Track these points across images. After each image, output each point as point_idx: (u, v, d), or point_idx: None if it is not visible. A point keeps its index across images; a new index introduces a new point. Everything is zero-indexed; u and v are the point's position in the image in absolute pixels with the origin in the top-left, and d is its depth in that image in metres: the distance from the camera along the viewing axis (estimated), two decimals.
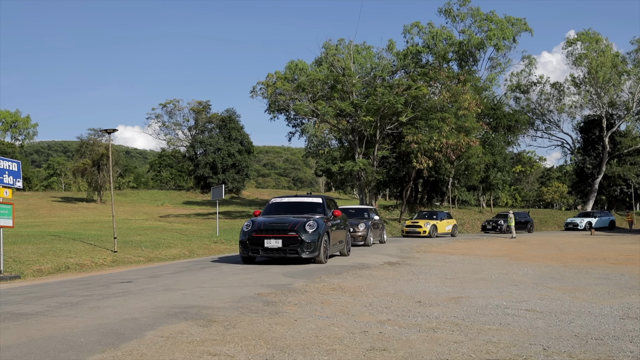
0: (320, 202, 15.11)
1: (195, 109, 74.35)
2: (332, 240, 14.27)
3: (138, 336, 5.45)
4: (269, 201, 16.45)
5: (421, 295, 8.88)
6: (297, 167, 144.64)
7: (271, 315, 6.69)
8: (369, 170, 37.90)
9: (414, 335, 5.90)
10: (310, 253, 13.08)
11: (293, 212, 14.69)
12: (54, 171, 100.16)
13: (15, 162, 14.32)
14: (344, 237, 15.99)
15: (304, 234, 13.05)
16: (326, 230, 13.68)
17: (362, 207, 24.41)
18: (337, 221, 15.10)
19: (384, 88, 36.94)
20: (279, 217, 14.06)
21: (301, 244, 12.96)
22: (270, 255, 13.24)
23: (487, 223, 38.07)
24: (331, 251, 14.45)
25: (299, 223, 13.24)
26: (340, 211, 15.31)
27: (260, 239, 13.20)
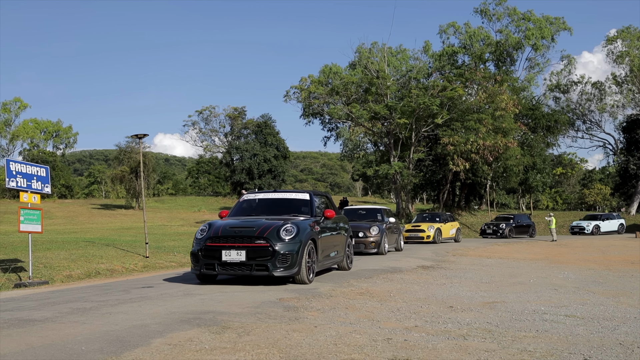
0: (307, 198, 11.18)
1: (231, 115, 74.45)
2: (322, 250, 10.50)
3: (144, 344, 5.11)
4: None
5: (453, 300, 8.40)
6: (334, 172, 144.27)
7: (290, 322, 6.30)
8: (405, 174, 37.36)
9: (441, 343, 5.44)
10: (286, 269, 9.27)
11: (271, 212, 10.89)
12: (94, 179, 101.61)
13: (44, 167, 14.25)
14: (342, 246, 12.17)
15: (278, 242, 9.27)
16: (311, 236, 9.85)
17: (374, 208, 20.77)
18: (329, 224, 11.29)
19: (418, 90, 36.41)
20: (246, 220, 10.21)
21: (273, 257, 9.17)
22: (231, 272, 9.42)
23: (487, 226, 34.70)
24: (322, 265, 10.78)
25: (271, 227, 9.47)
26: (334, 211, 11.20)
27: (216, 249, 9.39)
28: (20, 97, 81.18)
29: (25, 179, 13.40)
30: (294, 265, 9.35)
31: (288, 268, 9.29)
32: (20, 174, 13.33)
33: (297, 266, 9.38)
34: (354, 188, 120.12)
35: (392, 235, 19.46)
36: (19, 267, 12.11)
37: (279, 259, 9.22)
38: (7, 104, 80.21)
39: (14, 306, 7.32)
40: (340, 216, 12.45)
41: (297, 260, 9.38)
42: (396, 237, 20.15)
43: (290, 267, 9.31)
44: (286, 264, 9.26)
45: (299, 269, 9.43)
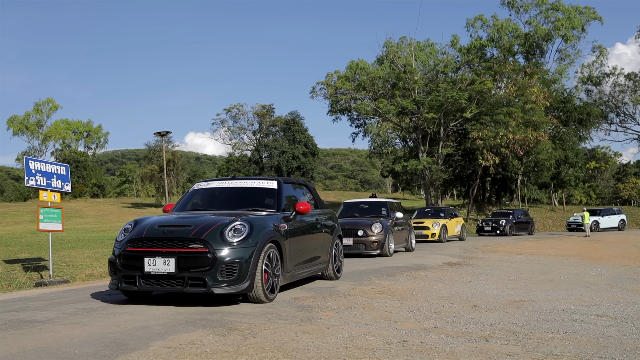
0: (274, 187, 8.51)
1: (259, 113, 74.45)
2: (292, 256, 7.93)
3: (142, 347, 4.83)
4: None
5: (478, 299, 8.00)
6: (364, 169, 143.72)
7: (301, 323, 5.98)
8: (434, 169, 36.81)
9: (461, 346, 5.07)
10: (232, 284, 6.69)
11: (226, 205, 8.43)
12: (125, 178, 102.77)
13: (64, 165, 14.14)
14: (325, 249, 9.38)
15: (221, 246, 6.72)
16: (272, 238, 7.28)
17: (379, 201, 17.78)
18: (305, 221, 8.62)
19: (446, 84, 35.76)
20: (184, 216, 7.62)
21: (213, 267, 6.61)
22: (158, 288, 6.80)
23: (485, 223, 32.07)
24: (293, 275, 8.10)
25: (213, 225, 6.93)
26: (309, 204, 8.52)
27: (137, 256, 6.84)
28: (52, 98, 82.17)
29: (44, 177, 13.30)
30: (243, 278, 6.71)
31: (234, 282, 6.67)
32: (40, 173, 13.22)
33: (248, 279, 6.74)
34: (384, 184, 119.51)
35: (399, 233, 16.85)
36: (41, 266, 12.00)
37: (222, 270, 6.61)
38: (40, 105, 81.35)
39: (22, 306, 7.13)
40: (323, 211, 9.73)
41: (249, 272, 6.75)
42: (406, 235, 17.63)
43: (237, 280, 6.68)
44: (232, 276, 6.65)
45: (250, 283, 6.78)
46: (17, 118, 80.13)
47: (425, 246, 20.78)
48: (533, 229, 33.58)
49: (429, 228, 23.45)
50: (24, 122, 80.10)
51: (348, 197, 74.81)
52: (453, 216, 26.13)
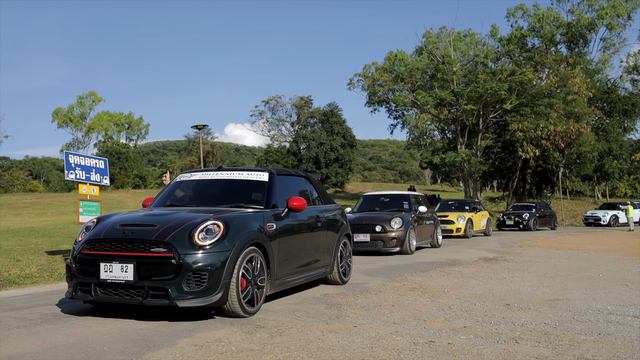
0: (264, 180, 7.30)
1: (297, 105, 74.62)
2: (282, 261, 6.78)
3: (169, 344, 4.89)
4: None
5: (511, 297, 7.87)
6: (403, 160, 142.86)
7: (329, 321, 5.97)
8: (473, 161, 36.38)
9: (488, 347, 4.99)
10: (199, 296, 5.63)
11: (209, 200, 7.36)
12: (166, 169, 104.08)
13: (103, 159, 14.39)
14: (329, 250, 8.22)
15: (189, 249, 5.68)
16: (254, 240, 6.16)
17: (401, 194, 16.45)
18: (299, 220, 7.38)
19: (486, 75, 35.26)
20: (154, 213, 6.50)
21: (178, 275, 5.58)
22: (115, 298, 5.76)
23: (507, 217, 29.69)
24: (283, 282, 6.88)
25: (182, 225, 5.88)
26: (304, 200, 7.13)
27: (93, 260, 5.86)
28: (95, 91, 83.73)
29: (84, 171, 13.57)
30: (214, 288, 5.65)
31: (203, 294, 5.61)
32: (79, 167, 13.51)
33: (220, 290, 5.68)
34: (423, 176, 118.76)
35: (423, 228, 15.67)
36: None
37: (188, 279, 5.58)
38: (83, 98, 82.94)
39: (57, 299, 7.27)
40: (327, 207, 8.53)
41: (221, 281, 5.68)
42: (430, 230, 16.38)
43: (207, 292, 5.62)
44: (200, 286, 5.60)
45: (224, 294, 5.71)
46: (61, 110, 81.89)
47: (456, 241, 20.55)
48: (556, 223, 31.65)
49: (453, 222, 21.84)
50: (67, 115, 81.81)
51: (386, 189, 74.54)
52: (479, 209, 24.56)
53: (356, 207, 15.95)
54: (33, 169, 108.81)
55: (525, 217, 28.90)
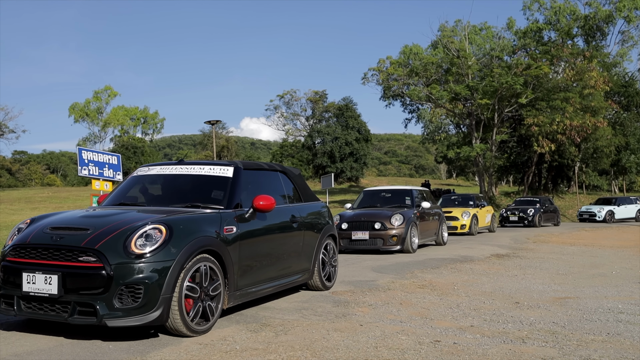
0: (227, 176, 6.36)
1: (312, 99, 74.63)
2: (248, 269, 5.98)
3: (174, 343, 4.91)
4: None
5: (521, 295, 7.82)
6: (418, 154, 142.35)
7: (335, 319, 5.96)
8: (488, 156, 36.19)
9: (494, 347, 4.96)
10: (133, 314, 4.78)
11: (164, 199, 6.48)
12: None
13: (115, 155, 14.49)
14: (307, 254, 7.33)
15: (122, 258, 4.83)
16: (204, 247, 5.29)
17: (403, 189, 15.59)
18: (267, 221, 6.42)
19: (501, 69, 35.01)
20: (96, 214, 5.67)
21: (108, 289, 4.75)
22: (39, 313, 4.97)
23: (511, 212, 28.15)
24: (246, 293, 5.98)
25: (119, 229, 5.06)
26: (273, 199, 6.19)
27: (16, 269, 5.06)
28: (111, 86, 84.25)
29: (97, 167, 13.66)
30: (151, 304, 4.79)
31: (138, 311, 4.76)
32: (92, 162, 13.59)
33: (159, 307, 4.82)
34: (439, 170, 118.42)
35: (427, 224, 14.91)
36: None
37: (120, 294, 4.76)
38: (99, 92, 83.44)
39: None
40: (305, 205, 7.62)
41: (160, 296, 4.83)
42: (435, 227, 15.63)
43: (142, 308, 4.77)
44: (135, 302, 4.76)
45: (163, 311, 4.85)
46: (77, 105, 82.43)
47: (468, 238, 20.46)
48: (559, 218, 30.19)
49: (458, 219, 20.74)
50: (84, 109, 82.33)
51: (401, 183, 74.38)
52: (483, 205, 23.15)
53: (356, 203, 15.45)
54: (50, 163, 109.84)
55: (530, 212, 27.65)
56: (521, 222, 27.71)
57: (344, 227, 13.38)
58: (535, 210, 27.70)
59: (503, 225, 28.11)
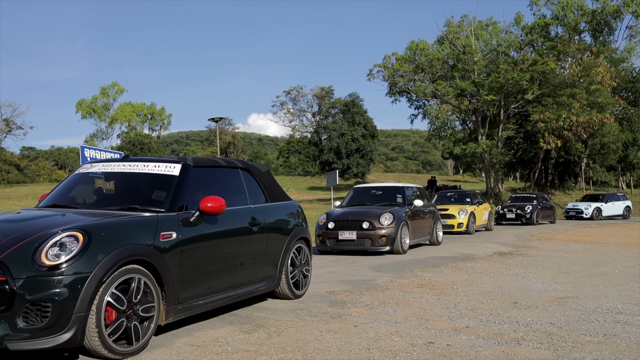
0: (172, 174, 5.68)
1: (319, 95, 74.67)
2: (192, 279, 5.30)
3: (166, 344, 4.91)
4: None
5: (520, 295, 7.77)
6: (425, 150, 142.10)
7: (330, 320, 5.94)
8: (494, 152, 36.07)
9: (488, 349, 4.93)
10: (40, 335, 4.12)
11: (101, 201, 5.82)
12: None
13: (118, 153, 14.53)
14: (274, 260, 6.69)
15: (28, 271, 4.15)
16: (131, 256, 4.62)
17: (394, 186, 14.86)
18: (213, 226, 5.62)
19: (507, 65, 34.87)
20: (12, 218, 5.04)
21: (11, 306, 4.11)
22: None
23: (508, 209, 26.99)
24: (195, 306, 5.37)
25: (29, 237, 4.37)
26: (222, 200, 5.45)
27: None
28: (118, 82, 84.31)
29: None
30: (62, 324, 4.17)
31: (46, 332, 4.14)
32: (94, 160, 13.62)
33: (72, 327, 4.20)
34: (446, 166, 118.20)
35: (420, 223, 14.18)
36: None
37: (26, 312, 4.15)
38: (106, 89, 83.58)
39: None
40: (270, 205, 6.88)
41: (73, 314, 4.20)
42: (429, 226, 14.93)
43: (51, 329, 4.15)
44: (43, 321, 4.15)
45: (76, 332, 4.22)
46: (85, 101, 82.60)
47: (480, 234, 20.39)
48: (555, 215, 29.09)
49: (454, 217, 19.70)
50: (91, 106, 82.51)
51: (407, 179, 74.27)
52: (481, 202, 22.14)
53: (345, 201, 14.75)
54: (58, 159, 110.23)
55: (528, 209, 26.47)
56: (518, 220, 26.64)
57: (330, 226, 12.80)
58: (533, 207, 26.67)
59: (499, 223, 26.90)
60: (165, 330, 5.40)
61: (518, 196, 29.44)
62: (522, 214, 26.42)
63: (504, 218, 26.91)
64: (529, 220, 26.20)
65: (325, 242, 12.85)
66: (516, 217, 26.58)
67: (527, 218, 26.24)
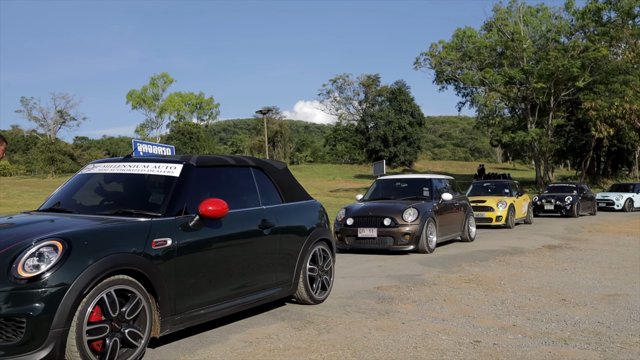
0: (172, 176, 5.32)
1: (365, 83, 74.46)
2: (191, 288, 4.96)
3: (221, 340, 5.12)
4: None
5: (569, 291, 7.75)
6: (474, 137, 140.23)
7: (378, 317, 6.08)
8: (543, 141, 35.50)
9: (534, 349, 4.99)
10: (14, 352, 3.86)
11: (97, 205, 5.57)
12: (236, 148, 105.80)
13: (169, 147, 14.87)
14: (289, 265, 6.28)
15: (4, 285, 3.91)
16: (119, 265, 4.33)
17: (421, 178, 13.72)
18: (215, 231, 5.23)
19: (557, 51, 34.21)
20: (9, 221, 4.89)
21: None
22: None
23: (546, 200, 24.83)
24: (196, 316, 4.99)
25: (9, 246, 4.13)
26: (224, 203, 5.08)
27: None
28: (167, 72, 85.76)
29: None
30: (39, 341, 3.91)
31: (21, 349, 3.88)
32: (147, 155, 13.99)
33: (49, 343, 3.92)
34: (494, 153, 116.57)
35: (448, 219, 13.04)
36: None
37: (0, 329, 3.90)
38: (155, 79, 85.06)
39: None
40: (281, 207, 6.36)
41: (50, 329, 3.92)
42: (460, 221, 13.80)
43: (26, 346, 3.88)
44: (16, 337, 3.89)
45: (54, 349, 3.93)
46: (135, 92, 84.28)
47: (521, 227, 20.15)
48: (595, 207, 26.99)
49: (492, 209, 18.08)
50: (141, 96, 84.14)
51: (455, 167, 73.59)
52: (520, 193, 20.53)
53: (367, 195, 13.73)
54: (110, 148, 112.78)
55: (568, 200, 24.37)
56: (557, 212, 24.66)
57: (349, 222, 11.76)
58: (574, 197, 24.62)
59: (536, 215, 24.66)
60: (219, 325, 5.61)
61: (555, 186, 27.54)
62: (562, 205, 24.52)
63: (541, 209, 24.92)
64: (569, 212, 24.29)
65: (344, 240, 11.77)
66: (555, 208, 24.67)
67: (567, 209, 24.32)
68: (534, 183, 38.97)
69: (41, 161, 71.61)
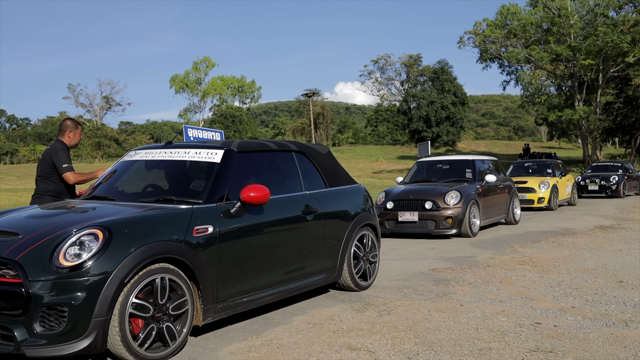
0: (213, 162, 5.24)
1: (407, 63, 73.92)
2: (231, 276, 4.91)
3: (285, 322, 5.29)
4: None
5: (626, 273, 7.71)
6: (517, 116, 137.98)
7: (436, 299, 6.17)
8: (591, 119, 34.83)
9: (596, 331, 5.03)
10: (57, 341, 3.89)
11: (139, 192, 5.58)
12: (278, 131, 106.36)
13: (219, 132, 15.06)
14: (334, 250, 6.18)
15: (45, 274, 3.94)
16: (161, 253, 4.30)
17: (464, 160, 13.37)
18: (256, 217, 5.16)
19: (606, 27, 33.39)
20: (38, 214, 4.89)
21: (27, 310, 3.90)
22: None
23: (590, 180, 23.46)
24: (238, 304, 4.95)
25: (48, 236, 4.13)
26: (265, 189, 4.97)
27: None
28: (209, 56, 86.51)
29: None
30: (81, 330, 3.92)
31: (63, 338, 3.90)
32: (197, 139, 14.22)
33: (91, 332, 3.93)
34: (539, 132, 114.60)
35: (492, 200, 12.63)
36: None
37: (43, 317, 3.93)
38: (198, 63, 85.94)
39: None
40: (324, 192, 6.25)
41: (92, 319, 3.93)
42: (504, 203, 13.35)
43: (68, 335, 3.90)
44: (59, 326, 3.91)
45: (96, 338, 3.95)
46: (178, 77, 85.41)
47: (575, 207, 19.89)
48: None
49: (534, 190, 17.38)
50: (184, 81, 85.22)
51: (499, 147, 72.65)
52: (564, 173, 19.47)
53: (407, 177, 13.38)
54: (154, 132, 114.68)
55: (614, 180, 23.06)
56: (602, 192, 23.31)
57: (389, 206, 11.52)
58: (619, 177, 23.29)
59: (579, 196, 23.05)
60: (282, 306, 5.78)
61: (599, 165, 26.17)
62: (607, 185, 23.24)
63: (585, 190, 23.62)
64: (614, 192, 23.05)
65: (384, 224, 11.44)
66: (600, 188, 23.41)
67: (613, 190, 23.07)
68: (581, 162, 38.31)
69: (88, 146, 73.25)
